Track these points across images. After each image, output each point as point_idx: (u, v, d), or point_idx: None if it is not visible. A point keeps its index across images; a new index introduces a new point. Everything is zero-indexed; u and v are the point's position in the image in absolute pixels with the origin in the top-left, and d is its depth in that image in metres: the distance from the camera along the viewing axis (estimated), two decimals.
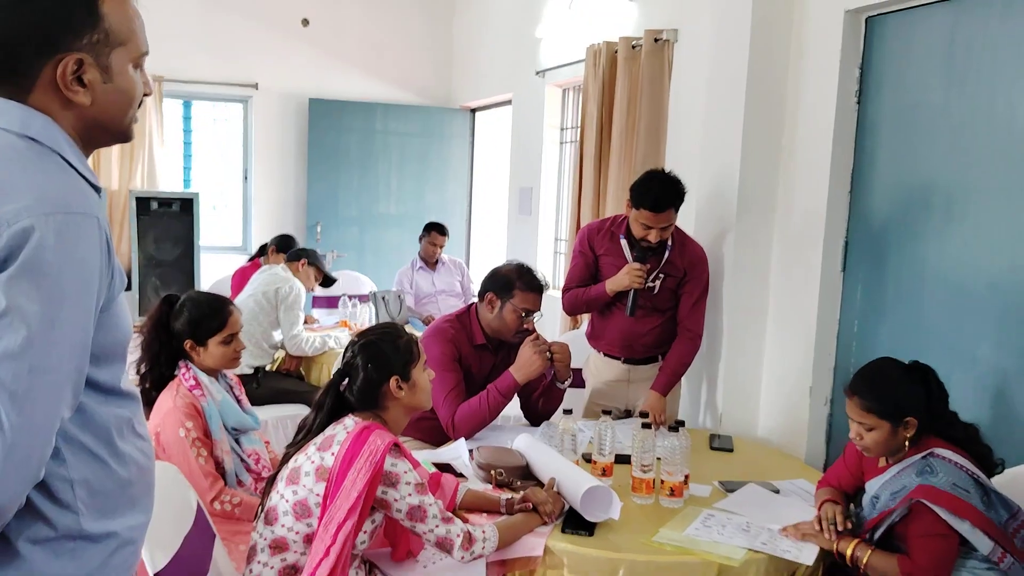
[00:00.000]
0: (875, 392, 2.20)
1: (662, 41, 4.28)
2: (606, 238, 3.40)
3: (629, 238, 3.31)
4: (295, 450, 2.13)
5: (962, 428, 2.23)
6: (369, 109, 7.39)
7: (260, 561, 2.03)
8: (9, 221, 1.12)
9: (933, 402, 2.21)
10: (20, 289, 1.11)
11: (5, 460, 1.10)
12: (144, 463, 1.37)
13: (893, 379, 2.22)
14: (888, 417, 2.18)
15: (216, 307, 2.73)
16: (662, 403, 3.28)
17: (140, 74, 1.35)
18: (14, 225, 1.12)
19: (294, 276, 4.58)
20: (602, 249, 3.39)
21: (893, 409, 2.17)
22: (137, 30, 1.32)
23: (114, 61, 1.28)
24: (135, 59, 1.32)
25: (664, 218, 3.17)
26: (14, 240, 1.11)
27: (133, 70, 1.32)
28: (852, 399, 2.24)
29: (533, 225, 6.09)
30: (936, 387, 2.23)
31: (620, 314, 3.36)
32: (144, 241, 6.78)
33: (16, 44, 1.22)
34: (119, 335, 1.31)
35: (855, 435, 2.25)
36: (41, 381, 1.12)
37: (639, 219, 3.20)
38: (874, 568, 2.12)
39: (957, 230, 2.83)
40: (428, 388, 2.28)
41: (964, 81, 2.81)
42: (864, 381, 2.25)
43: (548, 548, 2.17)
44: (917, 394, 2.19)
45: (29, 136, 1.23)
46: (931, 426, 2.20)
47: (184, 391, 2.61)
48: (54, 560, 1.22)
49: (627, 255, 3.30)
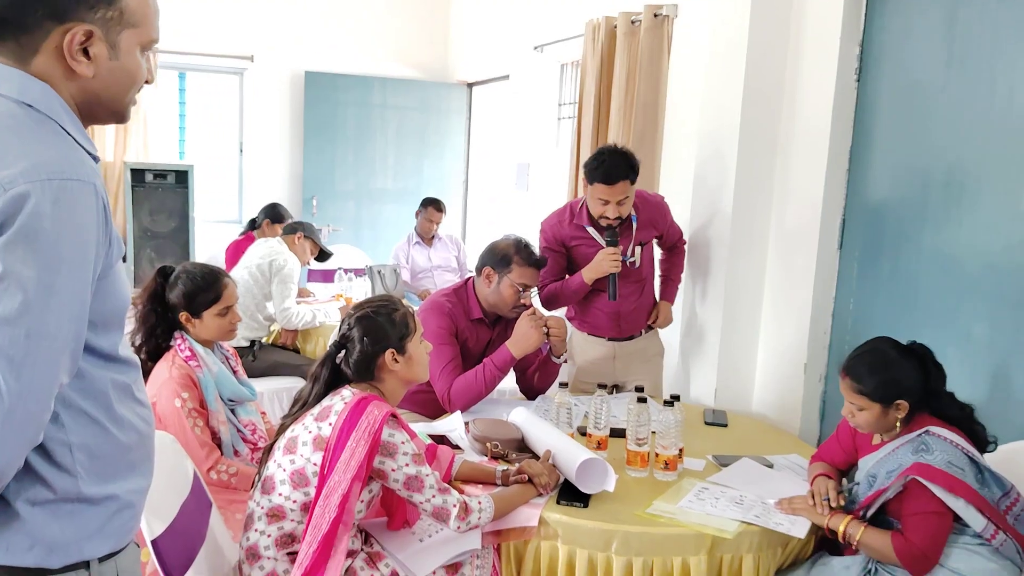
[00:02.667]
0: (868, 374, 2.20)
1: (661, 16, 4.25)
2: (572, 229, 3.37)
3: (594, 224, 3.30)
4: (291, 420, 2.14)
5: (957, 407, 2.23)
6: (366, 83, 7.33)
7: (257, 529, 2.04)
8: (5, 187, 1.12)
9: (930, 382, 2.21)
10: (16, 255, 1.11)
11: (3, 424, 1.10)
12: (144, 429, 1.38)
13: (887, 361, 2.22)
14: (879, 400, 2.19)
15: (211, 279, 2.73)
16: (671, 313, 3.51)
17: (147, 59, 1.36)
18: (10, 191, 1.12)
19: (290, 249, 4.57)
20: (572, 240, 3.37)
21: (884, 392, 2.19)
22: (151, 16, 1.33)
23: (123, 40, 1.29)
24: (144, 43, 1.33)
25: (619, 190, 3.15)
26: (10, 206, 1.11)
27: (140, 54, 1.33)
28: (845, 379, 2.25)
29: (530, 201, 6.09)
30: (933, 367, 2.24)
31: (602, 298, 3.36)
32: (139, 212, 6.74)
33: (30, 3, 1.21)
34: (117, 302, 1.31)
35: (848, 413, 2.27)
36: (38, 346, 1.13)
37: (595, 195, 3.20)
38: (867, 545, 2.14)
39: (954, 209, 2.84)
40: (424, 361, 2.28)
41: (964, 60, 2.80)
42: (858, 362, 2.25)
43: (543, 519, 2.19)
44: (911, 376, 2.19)
45: (26, 103, 1.23)
46: (926, 405, 2.22)
47: (180, 362, 2.61)
48: (53, 521, 1.23)
49: (597, 239, 3.30)
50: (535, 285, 3.13)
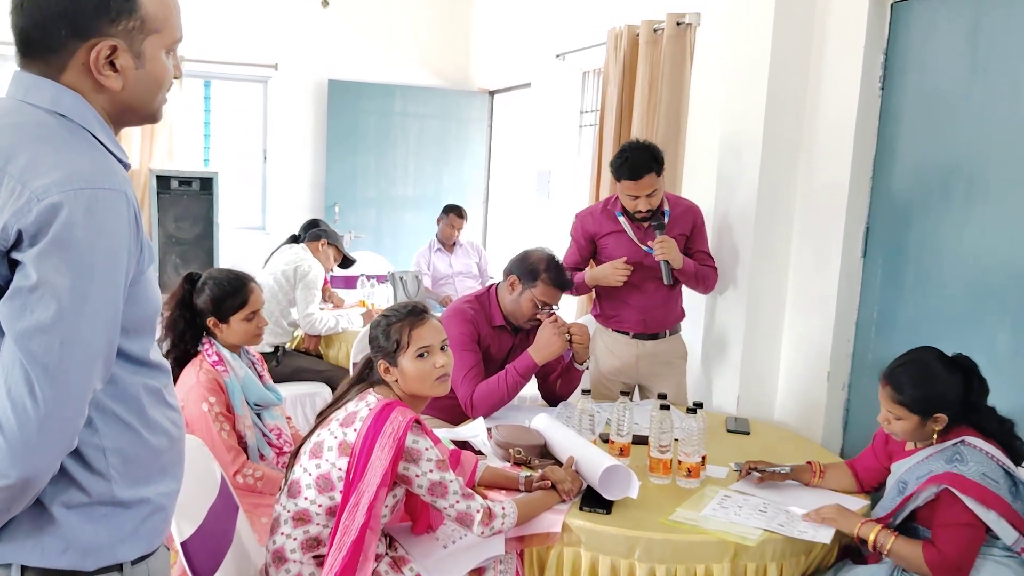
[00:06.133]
0: (909, 385, 2.17)
1: (684, 25, 4.25)
2: (603, 218, 3.43)
3: (627, 214, 3.35)
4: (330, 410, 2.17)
5: (997, 421, 2.20)
6: (388, 91, 7.38)
7: (283, 533, 2.06)
8: (39, 197, 1.14)
9: (972, 397, 2.19)
10: (50, 264, 1.14)
11: (39, 430, 1.13)
12: (174, 432, 1.40)
13: (931, 375, 2.18)
14: (918, 412, 2.17)
15: (238, 285, 2.76)
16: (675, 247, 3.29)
17: (172, 58, 1.36)
18: (44, 200, 1.14)
19: (314, 256, 4.61)
20: (602, 230, 3.43)
21: (924, 405, 2.16)
22: (172, 17, 1.33)
23: (147, 48, 1.30)
24: (168, 46, 1.34)
25: (646, 184, 3.20)
26: (44, 216, 1.14)
27: (165, 56, 1.34)
28: (885, 387, 2.22)
29: (551, 208, 6.10)
30: (978, 383, 2.21)
31: (632, 295, 3.39)
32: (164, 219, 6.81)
33: (53, 24, 1.23)
34: (149, 308, 1.33)
35: (883, 419, 2.25)
36: (73, 354, 1.15)
37: (624, 191, 3.27)
38: (898, 555, 2.12)
39: (978, 218, 2.82)
40: (423, 376, 2.18)
41: (987, 68, 2.79)
42: (901, 372, 2.22)
43: (566, 525, 2.20)
44: (952, 391, 2.16)
45: (59, 112, 1.25)
46: (964, 418, 2.19)
47: (207, 367, 2.64)
48: (88, 525, 1.26)
49: (627, 230, 3.34)
50: (556, 304, 3.14)
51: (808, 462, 2.57)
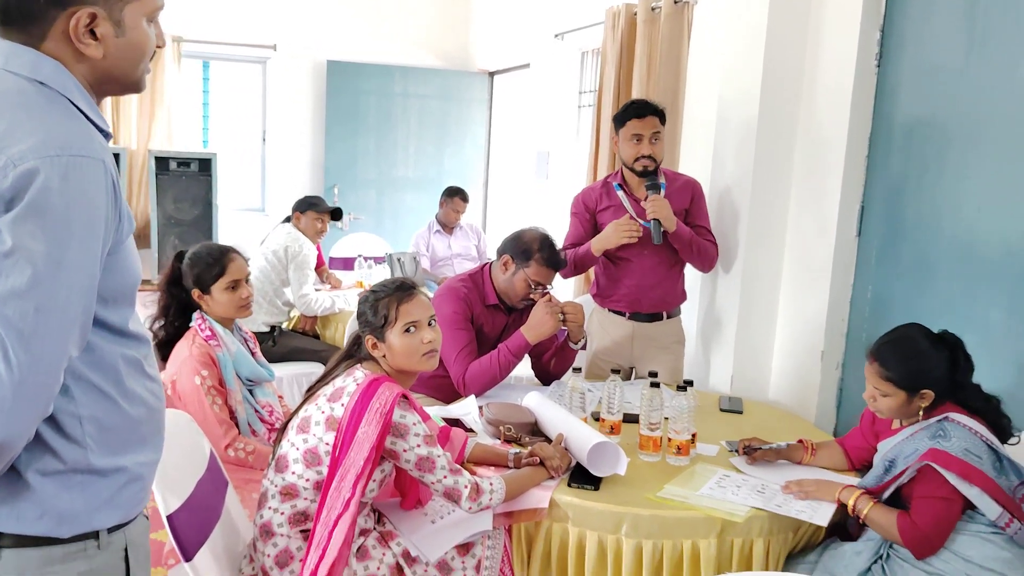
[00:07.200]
0: (896, 361, 2.18)
1: (682, 3, 4.23)
2: (603, 192, 3.42)
3: (624, 188, 3.33)
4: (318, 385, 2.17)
5: (983, 399, 2.20)
6: (387, 72, 7.36)
7: (271, 507, 2.06)
8: (15, 162, 1.14)
9: (958, 374, 2.19)
10: (26, 229, 1.13)
11: (14, 396, 1.13)
12: (154, 403, 1.40)
13: (917, 350, 2.19)
14: (905, 388, 2.17)
15: (216, 255, 2.76)
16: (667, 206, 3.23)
17: (154, 27, 1.35)
18: (20, 166, 1.14)
19: (301, 233, 4.56)
20: (601, 205, 3.41)
21: (911, 380, 2.17)
22: None
23: (127, 15, 1.29)
24: (149, 13, 1.33)
25: (650, 123, 3.24)
26: (20, 181, 1.13)
27: (147, 24, 1.33)
28: (872, 364, 2.22)
29: (550, 189, 6.08)
30: (963, 359, 2.21)
31: (628, 270, 3.37)
32: (163, 200, 6.82)
33: None
34: (128, 278, 1.33)
35: (869, 397, 2.25)
36: (48, 320, 1.15)
37: (628, 134, 3.26)
38: (873, 520, 2.14)
39: (973, 196, 2.81)
40: (410, 351, 2.17)
41: (985, 45, 2.77)
42: (887, 348, 2.22)
43: (554, 501, 2.20)
44: (939, 367, 2.17)
45: (38, 80, 1.25)
46: (951, 395, 2.19)
47: (200, 341, 2.65)
48: (63, 492, 1.26)
49: (625, 204, 3.31)
50: (549, 285, 3.13)
51: (800, 440, 2.57)
